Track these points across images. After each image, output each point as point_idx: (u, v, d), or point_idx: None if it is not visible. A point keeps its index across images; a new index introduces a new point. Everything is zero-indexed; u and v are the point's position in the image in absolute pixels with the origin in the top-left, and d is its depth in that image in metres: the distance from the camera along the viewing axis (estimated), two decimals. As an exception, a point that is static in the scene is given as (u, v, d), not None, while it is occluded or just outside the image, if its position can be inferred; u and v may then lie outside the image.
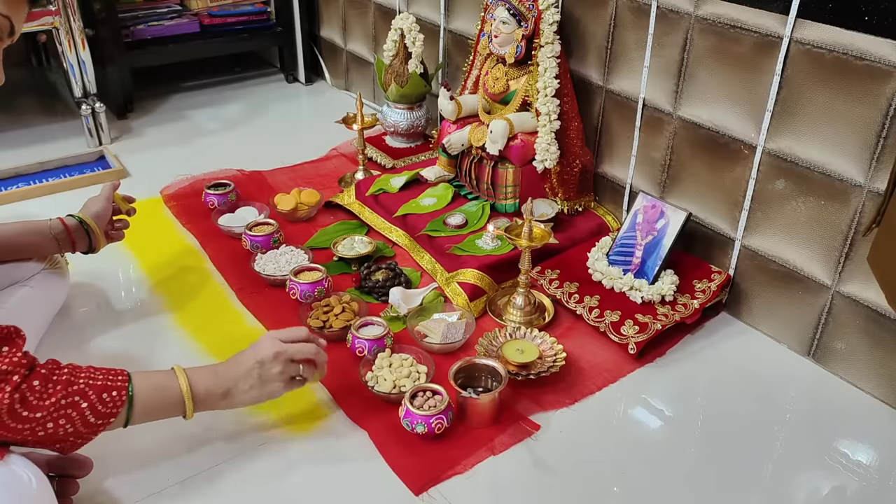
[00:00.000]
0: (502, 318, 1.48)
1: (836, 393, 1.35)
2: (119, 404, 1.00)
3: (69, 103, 2.39)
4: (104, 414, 0.98)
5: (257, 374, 1.10)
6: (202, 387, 1.08)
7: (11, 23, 0.98)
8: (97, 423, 0.98)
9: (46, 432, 0.94)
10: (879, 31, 1.17)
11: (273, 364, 1.11)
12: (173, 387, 1.06)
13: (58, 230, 1.37)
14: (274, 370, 1.11)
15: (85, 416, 0.96)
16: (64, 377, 0.96)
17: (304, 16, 2.60)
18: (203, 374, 1.09)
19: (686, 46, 1.47)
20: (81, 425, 0.96)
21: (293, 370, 1.14)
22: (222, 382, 1.09)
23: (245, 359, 1.12)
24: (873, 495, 1.15)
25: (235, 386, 1.10)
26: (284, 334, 1.15)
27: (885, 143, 1.21)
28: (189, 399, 1.06)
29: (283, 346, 1.12)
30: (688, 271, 1.50)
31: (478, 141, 1.67)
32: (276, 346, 1.12)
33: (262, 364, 1.10)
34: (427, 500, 1.11)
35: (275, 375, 1.11)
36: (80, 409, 0.96)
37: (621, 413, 1.30)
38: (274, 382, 1.12)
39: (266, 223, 1.69)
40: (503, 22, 1.60)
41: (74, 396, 0.95)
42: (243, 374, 1.10)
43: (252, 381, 1.10)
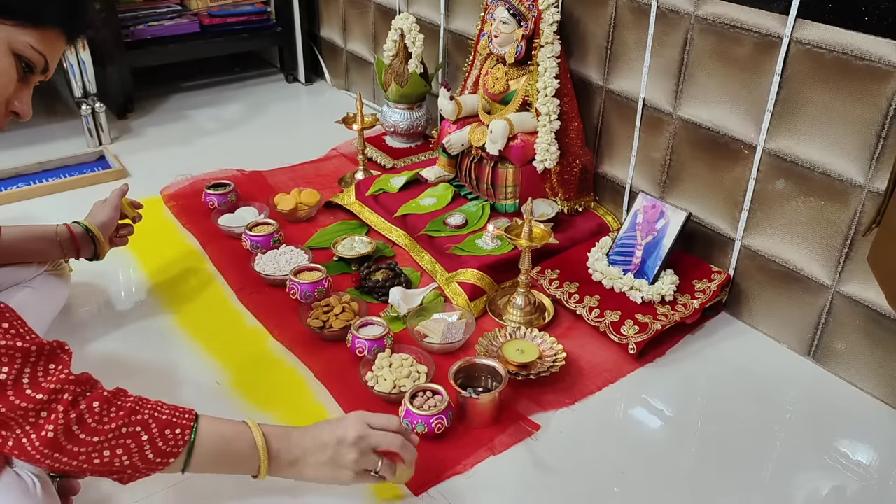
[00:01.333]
0: (502, 318, 1.48)
1: (836, 393, 1.35)
2: (182, 444, 0.92)
3: (69, 103, 2.39)
4: (164, 452, 0.91)
5: (331, 455, 0.99)
6: (274, 447, 0.98)
7: (46, 60, 0.96)
8: (155, 461, 0.91)
9: (102, 460, 0.88)
10: (879, 31, 1.17)
11: (351, 449, 0.99)
12: (244, 438, 0.97)
13: (64, 237, 1.37)
14: (349, 456, 0.99)
15: (143, 450, 0.90)
16: (128, 405, 0.91)
17: (304, 16, 2.60)
18: (276, 433, 1.00)
19: (686, 46, 1.47)
20: (139, 459, 0.90)
21: (371, 462, 1.01)
22: (293, 449, 0.99)
23: (324, 432, 1.01)
24: (873, 495, 1.15)
25: (305, 458, 0.99)
26: (374, 419, 1.03)
27: (885, 143, 1.21)
28: (265, 454, 0.97)
29: (368, 431, 1.01)
30: (688, 271, 1.50)
31: (478, 141, 1.67)
32: (361, 429, 1.00)
33: (340, 444, 0.99)
34: (427, 500, 1.11)
35: (349, 462, 0.99)
36: (140, 440, 0.89)
37: (621, 413, 1.30)
38: (345, 469, 1.00)
39: (266, 223, 1.69)
40: (503, 22, 1.60)
41: (136, 427, 0.89)
42: (318, 447, 1.00)
43: (324, 458, 0.99)
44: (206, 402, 1.28)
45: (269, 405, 1.28)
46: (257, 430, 0.98)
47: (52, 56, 0.97)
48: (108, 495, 1.11)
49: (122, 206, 1.46)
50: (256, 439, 0.97)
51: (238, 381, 1.33)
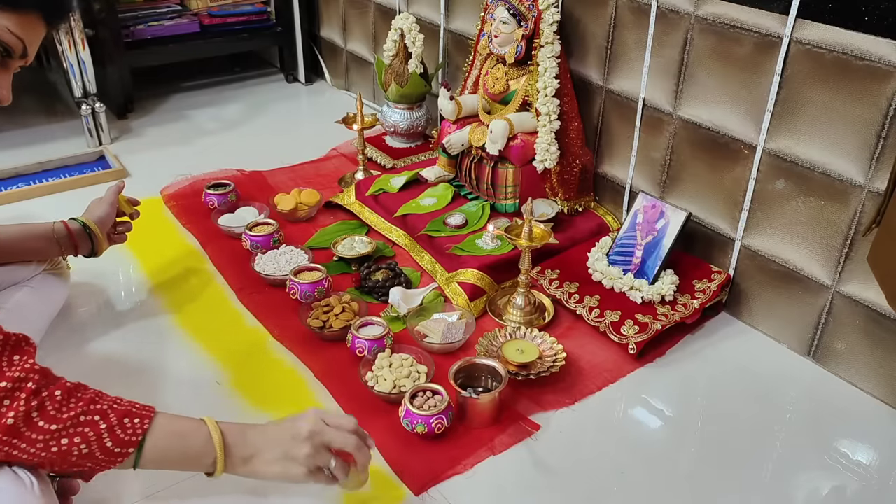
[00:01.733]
0: (502, 318, 1.48)
1: (836, 393, 1.35)
2: (140, 432, 0.92)
3: (69, 103, 2.39)
4: (122, 441, 0.90)
5: (284, 450, 0.98)
6: (229, 443, 0.98)
7: (24, 45, 0.95)
8: (114, 450, 0.90)
9: (60, 448, 0.87)
10: (879, 31, 1.17)
11: (304, 444, 0.98)
12: (200, 433, 0.96)
13: (61, 234, 1.37)
14: (303, 451, 0.98)
15: (102, 439, 0.89)
16: (88, 395, 0.91)
17: (304, 16, 2.60)
18: (232, 430, 0.99)
19: (686, 46, 1.47)
20: (97, 448, 0.89)
21: (323, 459, 0.99)
22: (248, 446, 0.98)
23: (279, 429, 1.00)
24: (873, 495, 1.15)
25: (259, 453, 0.98)
26: (331, 418, 1.02)
27: (885, 143, 1.21)
28: (221, 449, 0.96)
29: (323, 427, 1.00)
30: (688, 271, 1.50)
31: (478, 141, 1.67)
32: (315, 424, 0.99)
33: (294, 439, 0.98)
34: (427, 500, 1.11)
35: (301, 457, 0.98)
36: (98, 429, 0.89)
37: (621, 413, 1.30)
38: (298, 465, 0.98)
39: (266, 223, 1.69)
40: (503, 22, 1.60)
41: (95, 416, 0.89)
42: (270, 442, 0.99)
43: (277, 454, 0.98)
44: (205, 402, 1.28)
45: (269, 405, 1.28)
46: (214, 426, 0.97)
47: (31, 41, 0.96)
48: (109, 495, 1.11)
49: (119, 202, 1.46)
50: (213, 435, 0.96)
51: (238, 381, 1.33)
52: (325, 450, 0.99)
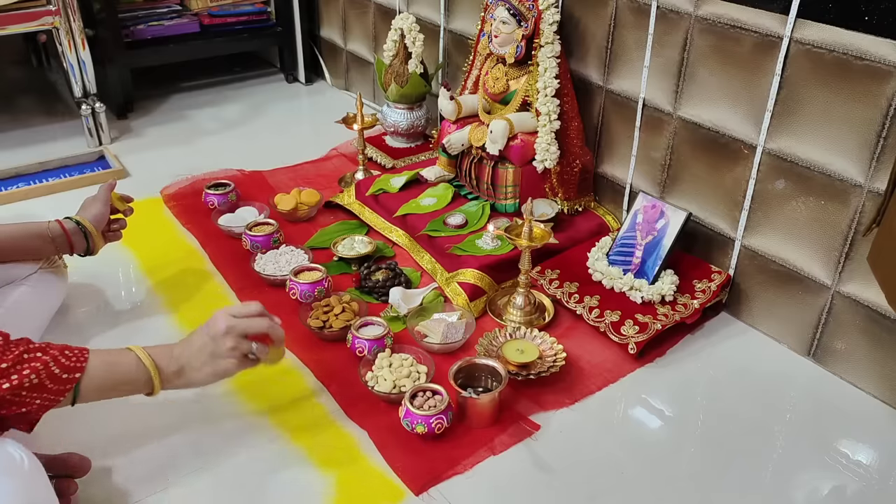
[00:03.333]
0: (502, 318, 1.48)
1: (836, 393, 1.35)
2: (83, 359, 0.99)
3: (69, 103, 2.39)
4: (69, 367, 0.97)
5: (210, 351, 1.07)
6: (158, 363, 1.05)
7: None
8: (62, 377, 0.96)
9: (11, 384, 0.92)
10: (879, 31, 1.17)
11: (224, 339, 1.07)
12: (131, 358, 1.04)
13: (56, 233, 1.37)
14: (226, 345, 1.07)
15: (50, 368, 0.95)
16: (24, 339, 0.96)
17: (304, 16, 2.59)
18: (158, 350, 1.07)
19: (686, 46, 1.47)
20: (47, 378, 0.95)
21: (246, 347, 1.09)
22: (176, 360, 1.07)
23: (197, 336, 1.09)
24: (873, 495, 1.15)
25: (188, 363, 1.07)
26: (237, 309, 1.11)
27: (885, 143, 1.21)
28: (153, 368, 1.04)
29: (235, 320, 1.08)
30: (688, 271, 1.50)
31: (478, 141, 1.67)
32: (228, 320, 1.08)
33: (214, 339, 1.07)
34: (427, 500, 1.11)
35: (226, 351, 1.07)
36: (43, 360, 0.95)
37: (621, 413, 1.30)
38: (226, 359, 1.07)
39: (266, 223, 1.69)
40: (503, 22, 1.60)
41: (36, 352, 0.95)
42: (196, 351, 1.07)
43: (204, 357, 1.07)
44: (204, 401, 1.28)
45: (269, 405, 1.28)
46: (140, 350, 1.05)
47: None
48: (108, 496, 1.11)
49: (112, 200, 1.45)
50: (142, 357, 1.04)
51: (237, 381, 1.33)
52: (244, 339, 1.09)
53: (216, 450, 1.18)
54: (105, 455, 1.16)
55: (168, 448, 1.19)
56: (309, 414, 1.26)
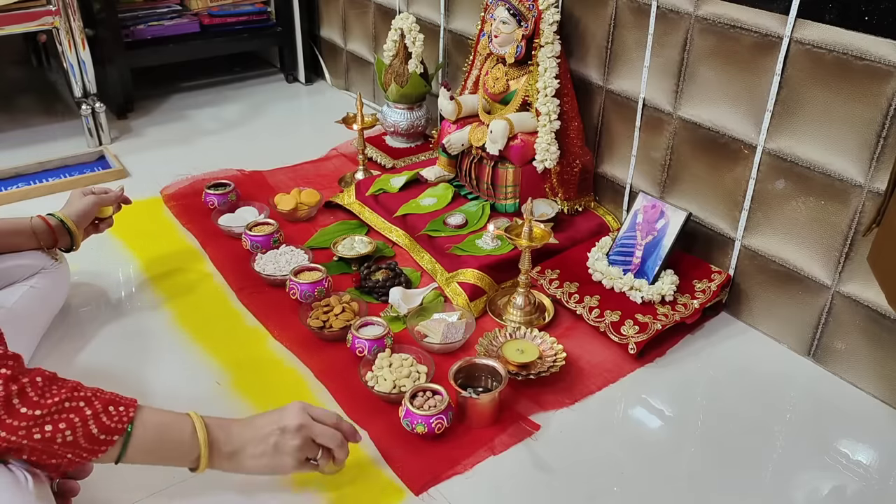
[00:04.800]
0: (502, 318, 1.48)
1: (836, 393, 1.35)
2: (126, 420, 0.92)
3: (69, 103, 2.39)
4: (109, 428, 0.90)
5: (274, 442, 1.00)
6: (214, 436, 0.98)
7: None
8: (99, 438, 0.89)
9: (43, 435, 0.85)
10: (879, 31, 1.17)
11: (294, 436, 1.01)
12: (185, 426, 0.96)
13: (39, 228, 1.37)
14: (293, 443, 1.01)
15: (88, 426, 0.88)
16: (70, 383, 0.90)
17: (304, 16, 2.59)
18: (217, 423, 1.00)
19: (686, 46, 1.47)
20: (82, 436, 0.88)
21: (311, 451, 1.03)
22: (234, 440, 0.99)
23: (266, 422, 1.02)
24: (873, 495, 1.15)
25: (245, 448, 1.00)
26: (316, 412, 1.05)
27: (885, 143, 1.21)
28: (205, 443, 0.96)
29: (311, 422, 1.03)
30: (688, 271, 1.50)
31: (478, 141, 1.67)
32: (304, 418, 1.02)
33: (283, 433, 1.01)
34: (427, 500, 1.11)
35: (291, 449, 1.01)
36: (83, 414, 0.88)
37: (621, 413, 1.30)
38: (288, 456, 1.01)
39: (266, 223, 1.69)
40: (503, 22, 1.60)
41: (79, 402, 0.88)
42: (259, 437, 1.00)
43: (266, 447, 1.00)
44: (205, 401, 1.28)
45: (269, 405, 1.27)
46: (199, 420, 0.98)
47: None
48: (108, 496, 1.11)
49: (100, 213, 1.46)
50: (197, 429, 0.97)
51: (238, 381, 1.33)
52: (312, 442, 1.03)
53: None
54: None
55: (168, 448, 1.19)
56: (309, 414, 1.27)
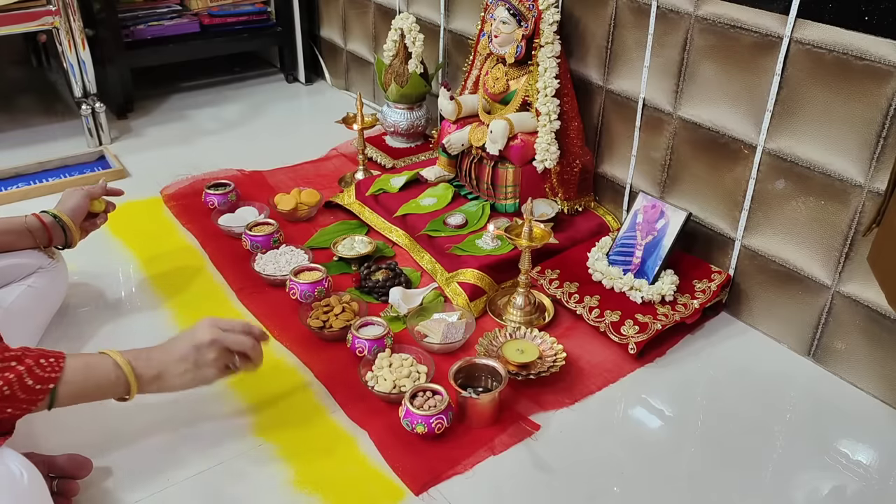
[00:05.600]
0: (502, 318, 1.48)
1: (836, 393, 1.35)
2: (58, 370, 0.98)
3: (69, 103, 2.39)
4: (43, 379, 0.96)
5: (193, 360, 1.09)
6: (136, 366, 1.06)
7: None
8: (35, 388, 0.95)
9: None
10: (879, 31, 1.17)
11: (209, 350, 1.10)
12: (107, 363, 1.04)
13: (34, 226, 1.36)
14: (209, 356, 1.10)
15: (23, 380, 0.94)
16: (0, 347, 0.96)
17: (304, 16, 2.59)
18: (136, 354, 1.08)
19: (686, 46, 1.47)
20: (20, 389, 0.94)
21: (228, 359, 1.13)
22: (155, 365, 1.07)
23: (180, 344, 1.10)
24: (873, 495, 1.15)
25: (167, 370, 1.08)
26: (224, 323, 1.14)
27: (885, 143, 1.21)
28: (130, 372, 1.04)
29: (221, 333, 1.12)
30: (688, 271, 1.50)
31: (478, 141, 1.67)
32: (214, 332, 1.11)
33: (199, 349, 1.10)
34: (427, 500, 1.11)
35: (210, 362, 1.10)
36: (17, 371, 0.94)
37: (621, 413, 1.30)
38: (208, 368, 1.11)
39: (266, 223, 1.69)
40: (503, 22, 1.60)
41: (10, 361, 0.94)
42: (178, 358, 1.09)
43: (186, 365, 1.09)
44: (205, 401, 1.28)
45: (269, 405, 1.28)
46: (117, 354, 1.05)
47: None
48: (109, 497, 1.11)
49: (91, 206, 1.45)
50: (119, 361, 1.04)
51: (237, 380, 1.33)
52: (227, 351, 1.12)
53: (213, 451, 1.18)
54: (106, 456, 1.16)
55: (168, 448, 1.19)
56: (309, 414, 1.26)
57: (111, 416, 1.24)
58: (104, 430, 1.21)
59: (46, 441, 1.18)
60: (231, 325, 1.14)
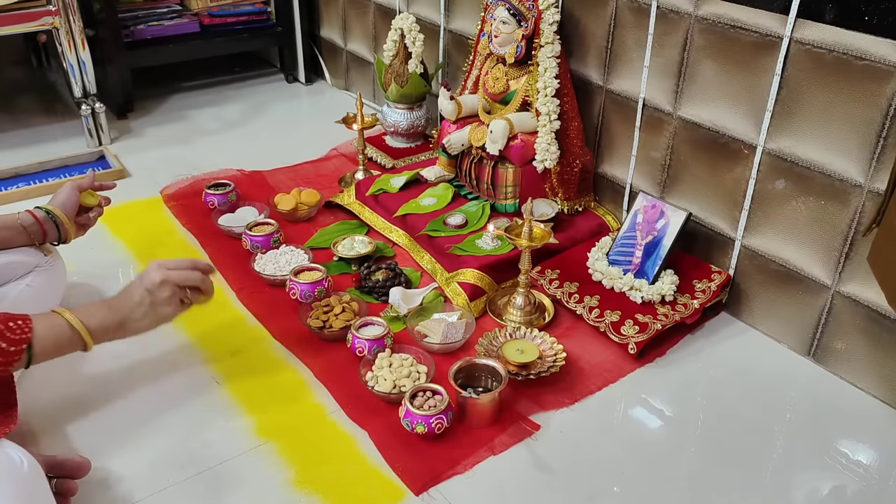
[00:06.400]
0: (502, 318, 1.48)
1: (836, 393, 1.35)
2: (27, 331, 1.03)
3: (69, 103, 2.39)
4: (16, 340, 1.02)
5: (149, 302, 1.16)
6: (94, 321, 1.11)
7: None
8: (10, 350, 1.01)
9: None
10: (879, 31, 1.17)
11: (162, 289, 1.17)
12: (62, 324, 1.09)
13: (28, 222, 1.36)
14: (164, 295, 1.17)
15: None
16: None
17: (304, 16, 2.59)
18: (94, 308, 1.13)
19: (686, 46, 1.47)
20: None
21: (181, 294, 1.20)
22: (116, 314, 1.13)
23: (134, 289, 1.17)
24: (873, 495, 1.15)
25: (129, 316, 1.15)
26: (171, 262, 1.21)
27: (885, 143, 1.21)
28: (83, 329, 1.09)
29: (171, 272, 1.18)
30: (688, 271, 1.50)
31: (478, 141, 1.67)
32: (164, 273, 1.18)
33: (152, 291, 1.16)
34: (427, 500, 1.11)
35: (165, 300, 1.17)
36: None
37: (621, 413, 1.30)
38: (165, 307, 1.17)
39: (266, 223, 1.69)
40: (503, 22, 1.60)
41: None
42: (136, 303, 1.15)
43: (145, 308, 1.16)
44: (205, 401, 1.28)
45: (270, 405, 1.28)
46: (64, 311, 1.10)
47: None
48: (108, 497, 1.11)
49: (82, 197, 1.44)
50: (70, 319, 1.09)
51: (238, 380, 1.33)
52: (179, 288, 1.19)
53: (213, 451, 1.18)
54: (105, 456, 1.16)
55: (168, 450, 1.19)
56: (309, 414, 1.26)
57: (111, 416, 1.24)
58: (103, 430, 1.21)
59: (45, 441, 1.18)
60: (178, 264, 1.22)
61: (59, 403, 1.26)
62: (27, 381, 1.29)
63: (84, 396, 1.28)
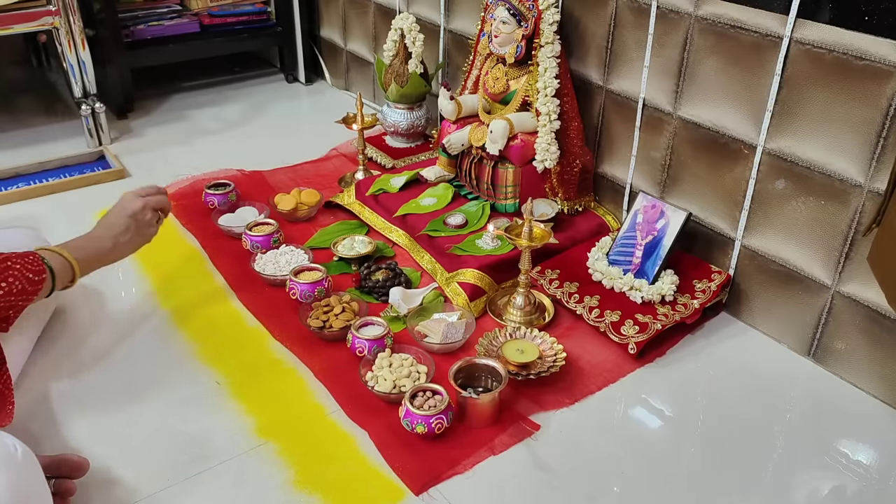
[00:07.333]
0: (502, 318, 1.48)
1: (836, 393, 1.35)
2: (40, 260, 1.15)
3: (69, 103, 2.39)
4: (36, 270, 1.13)
5: (135, 227, 1.32)
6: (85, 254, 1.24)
7: None
8: (35, 280, 1.13)
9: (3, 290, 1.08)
10: (879, 31, 1.17)
11: (143, 213, 1.34)
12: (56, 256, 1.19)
13: None
14: (146, 218, 1.35)
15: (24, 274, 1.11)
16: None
17: (304, 16, 2.59)
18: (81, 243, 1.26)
19: (686, 46, 1.47)
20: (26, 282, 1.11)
21: (155, 216, 1.38)
22: (105, 241, 1.29)
23: (117, 218, 1.32)
24: (873, 495, 1.15)
25: (116, 241, 1.30)
26: (142, 190, 1.38)
27: (885, 143, 1.21)
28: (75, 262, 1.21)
29: (147, 199, 1.36)
30: (688, 271, 1.50)
31: (478, 141, 1.67)
32: (143, 200, 1.35)
33: (135, 215, 1.32)
34: (427, 500, 1.11)
35: (148, 222, 1.35)
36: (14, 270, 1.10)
37: (621, 413, 1.30)
38: (150, 228, 1.36)
39: (266, 223, 1.69)
40: (503, 22, 1.60)
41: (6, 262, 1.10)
42: (121, 229, 1.30)
43: (130, 233, 1.32)
44: (205, 401, 1.28)
45: (270, 405, 1.28)
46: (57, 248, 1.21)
47: None
48: (107, 497, 1.11)
49: None
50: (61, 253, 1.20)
51: (238, 381, 1.33)
52: (154, 210, 1.37)
53: (213, 452, 1.18)
54: (104, 456, 1.16)
55: (167, 449, 1.19)
56: (309, 414, 1.26)
57: (110, 415, 1.24)
58: (102, 430, 1.21)
59: (44, 441, 1.18)
60: (147, 190, 1.39)
61: (59, 403, 1.26)
62: (27, 380, 1.29)
63: (83, 396, 1.28)
